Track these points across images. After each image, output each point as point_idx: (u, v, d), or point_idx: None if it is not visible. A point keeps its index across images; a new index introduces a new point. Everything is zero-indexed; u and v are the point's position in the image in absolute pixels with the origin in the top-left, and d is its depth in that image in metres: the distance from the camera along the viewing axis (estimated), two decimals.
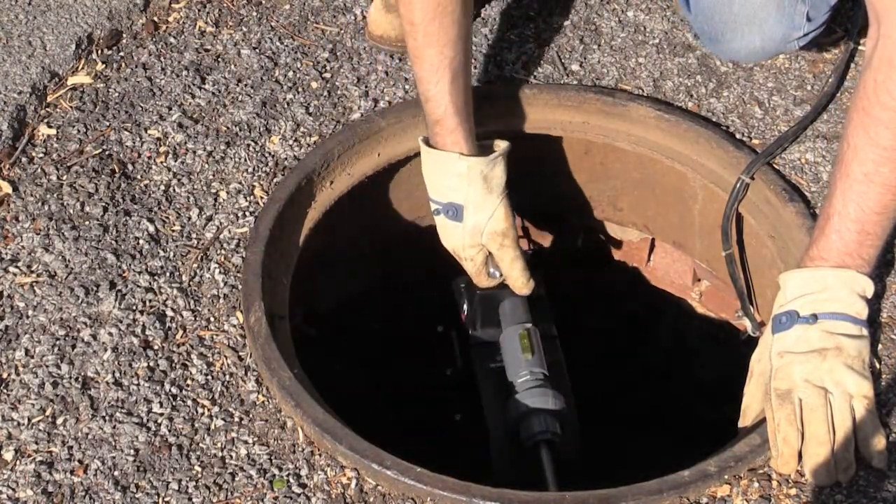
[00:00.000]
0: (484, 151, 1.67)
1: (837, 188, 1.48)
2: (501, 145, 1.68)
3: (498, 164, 1.66)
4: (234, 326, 1.61)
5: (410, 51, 1.60)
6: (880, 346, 1.59)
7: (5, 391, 1.52)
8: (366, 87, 1.94)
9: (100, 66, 1.97)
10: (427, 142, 1.67)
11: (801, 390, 1.41)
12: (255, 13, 2.08)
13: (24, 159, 1.81)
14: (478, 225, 1.67)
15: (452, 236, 1.70)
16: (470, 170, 1.63)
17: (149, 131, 1.86)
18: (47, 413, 1.50)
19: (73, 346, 1.57)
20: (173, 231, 1.72)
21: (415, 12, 1.54)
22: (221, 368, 1.56)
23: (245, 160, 1.82)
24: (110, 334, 1.59)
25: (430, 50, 1.57)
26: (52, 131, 1.85)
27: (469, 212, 1.66)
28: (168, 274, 1.67)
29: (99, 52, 1.99)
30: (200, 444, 1.47)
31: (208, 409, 1.51)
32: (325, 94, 1.93)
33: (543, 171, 2.01)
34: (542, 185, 2.04)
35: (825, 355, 1.42)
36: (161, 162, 1.81)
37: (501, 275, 1.75)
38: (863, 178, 1.44)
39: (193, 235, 1.72)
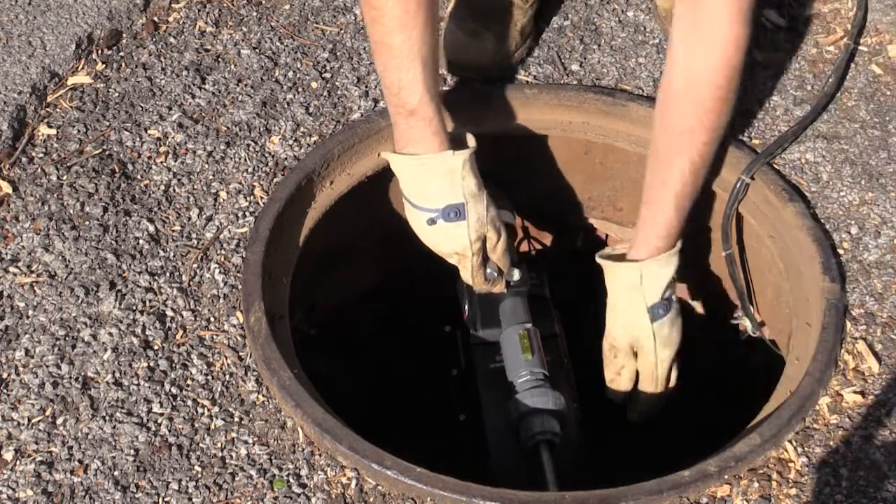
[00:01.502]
0: (455, 142, 1.62)
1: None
2: (470, 136, 1.64)
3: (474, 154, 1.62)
4: (234, 326, 1.61)
5: (377, 38, 1.52)
6: (880, 346, 1.59)
7: (5, 391, 1.52)
8: (366, 87, 1.94)
9: (100, 66, 1.97)
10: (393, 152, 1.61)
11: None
12: (255, 13, 2.08)
13: (24, 159, 1.81)
14: (481, 217, 1.62)
15: (457, 237, 1.64)
16: (465, 164, 1.58)
17: (149, 131, 1.86)
18: (47, 413, 1.50)
19: (73, 346, 1.57)
20: (173, 231, 1.72)
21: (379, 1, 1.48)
22: (221, 368, 1.56)
23: (245, 160, 1.82)
24: (110, 334, 1.59)
25: (400, 35, 1.50)
26: (52, 131, 1.85)
27: (471, 206, 1.61)
28: (168, 274, 1.67)
29: (99, 52, 1.99)
30: (200, 444, 1.47)
31: (208, 409, 1.51)
32: (325, 94, 1.93)
33: (543, 171, 2.02)
34: (541, 186, 2.05)
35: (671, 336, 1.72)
36: (161, 162, 1.81)
37: (499, 272, 1.75)
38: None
39: (193, 235, 1.72)
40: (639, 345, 1.71)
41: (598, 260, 1.72)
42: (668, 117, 1.60)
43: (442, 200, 1.60)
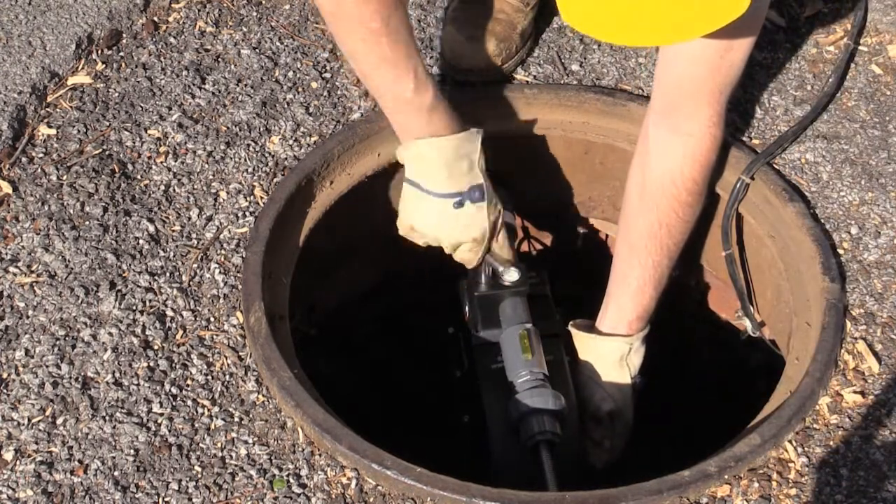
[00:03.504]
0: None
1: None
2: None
3: None
4: (234, 326, 1.61)
5: (376, 59, 1.50)
6: (880, 346, 1.59)
7: (5, 391, 1.52)
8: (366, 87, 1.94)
9: (100, 66, 1.97)
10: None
11: None
12: (255, 13, 2.08)
13: (24, 159, 1.81)
14: (492, 197, 1.64)
15: (479, 220, 1.63)
16: (481, 143, 1.59)
17: (149, 131, 1.86)
18: (47, 413, 1.50)
19: (73, 346, 1.57)
20: (173, 231, 1.72)
21: (370, 21, 1.45)
22: (221, 368, 1.56)
23: (245, 160, 1.82)
24: (110, 334, 1.59)
25: (399, 47, 1.50)
26: (52, 131, 1.85)
27: (488, 186, 1.62)
28: (168, 274, 1.67)
29: (99, 52, 1.99)
30: (200, 444, 1.47)
31: (208, 409, 1.51)
32: (325, 94, 1.93)
33: (543, 171, 2.02)
34: (542, 186, 2.04)
35: None
36: (161, 162, 1.81)
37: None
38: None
39: (193, 235, 1.72)
40: (618, 412, 1.77)
41: (576, 332, 1.79)
42: (643, 211, 1.67)
43: (467, 182, 1.60)
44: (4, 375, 1.54)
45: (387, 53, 1.49)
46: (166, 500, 1.41)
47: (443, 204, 1.62)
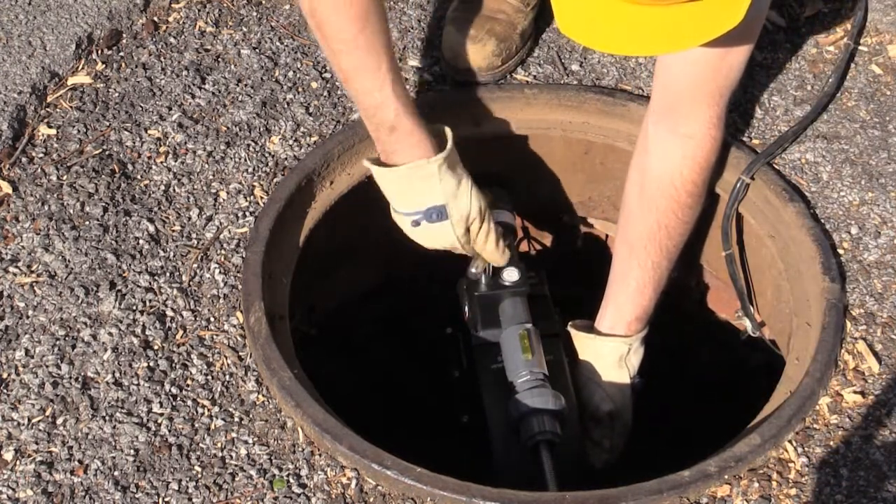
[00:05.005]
0: (437, 139, 1.61)
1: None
2: (447, 130, 1.62)
3: (454, 149, 1.61)
4: (234, 326, 1.61)
5: (346, 67, 1.52)
6: (880, 346, 1.59)
7: (5, 391, 1.52)
8: None
9: (100, 66, 1.97)
10: (377, 162, 1.60)
11: None
12: (255, 13, 2.08)
13: (24, 159, 1.81)
14: (462, 213, 1.62)
15: (443, 235, 1.65)
16: (440, 168, 1.57)
17: (149, 131, 1.86)
18: (47, 413, 1.50)
19: (73, 346, 1.57)
20: (173, 231, 1.72)
21: (341, 31, 1.47)
22: (221, 368, 1.56)
23: (245, 160, 1.82)
24: (110, 334, 1.59)
25: (369, 60, 1.50)
26: (52, 131, 1.85)
27: (451, 206, 1.61)
28: (168, 274, 1.67)
29: (99, 52, 1.99)
30: (200, 444, 1.47)
31: (208, 409, 1.51)
32: (325, 94, 1.93)
33: (543, 171, 2.02)
34: (542, 186, 2.04)
35: None
36: (161, 162, 1.81)
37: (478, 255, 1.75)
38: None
39: (193, 235, 1.72)
40: (617, 413, 1.77)
41: (575, 333, 1.79)
42: (642, 212, 1.67)
43: (423, 203, 1.61)
44: (4, 375, 1.54)
45: (359, 63, 1.50)
46: (166, 500, 1.41)
47: (404, 219, 1.64)
